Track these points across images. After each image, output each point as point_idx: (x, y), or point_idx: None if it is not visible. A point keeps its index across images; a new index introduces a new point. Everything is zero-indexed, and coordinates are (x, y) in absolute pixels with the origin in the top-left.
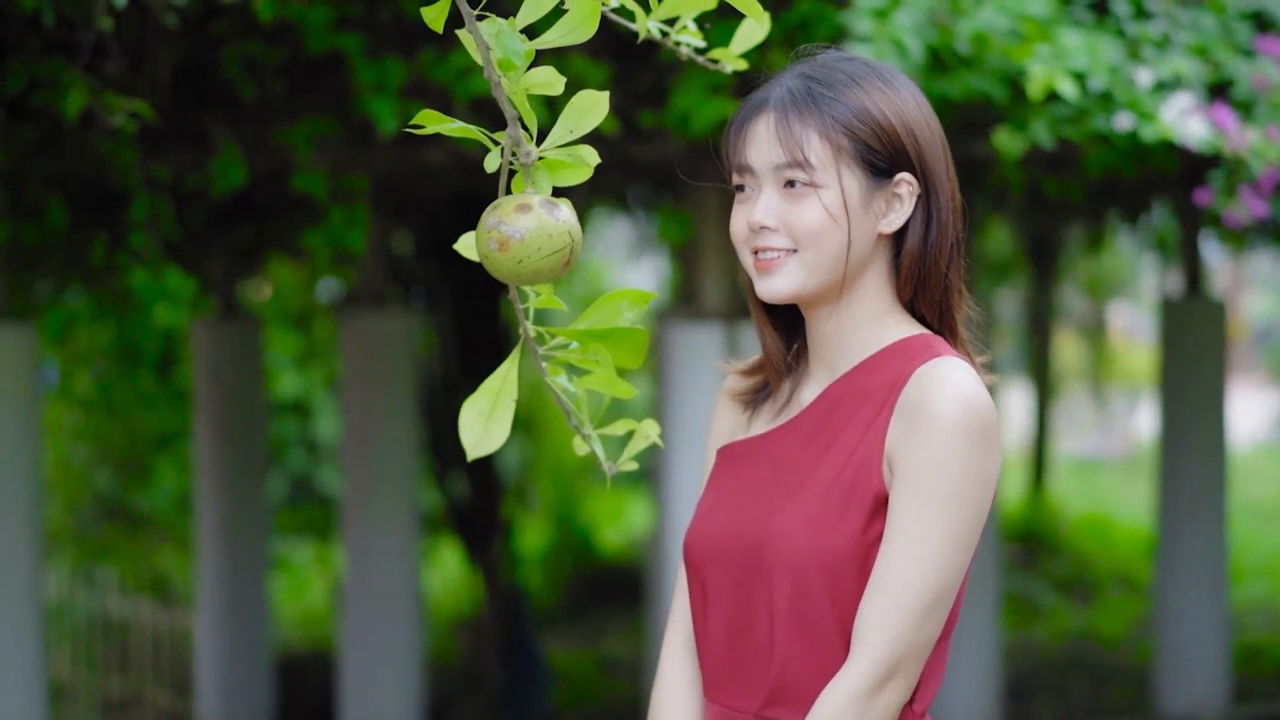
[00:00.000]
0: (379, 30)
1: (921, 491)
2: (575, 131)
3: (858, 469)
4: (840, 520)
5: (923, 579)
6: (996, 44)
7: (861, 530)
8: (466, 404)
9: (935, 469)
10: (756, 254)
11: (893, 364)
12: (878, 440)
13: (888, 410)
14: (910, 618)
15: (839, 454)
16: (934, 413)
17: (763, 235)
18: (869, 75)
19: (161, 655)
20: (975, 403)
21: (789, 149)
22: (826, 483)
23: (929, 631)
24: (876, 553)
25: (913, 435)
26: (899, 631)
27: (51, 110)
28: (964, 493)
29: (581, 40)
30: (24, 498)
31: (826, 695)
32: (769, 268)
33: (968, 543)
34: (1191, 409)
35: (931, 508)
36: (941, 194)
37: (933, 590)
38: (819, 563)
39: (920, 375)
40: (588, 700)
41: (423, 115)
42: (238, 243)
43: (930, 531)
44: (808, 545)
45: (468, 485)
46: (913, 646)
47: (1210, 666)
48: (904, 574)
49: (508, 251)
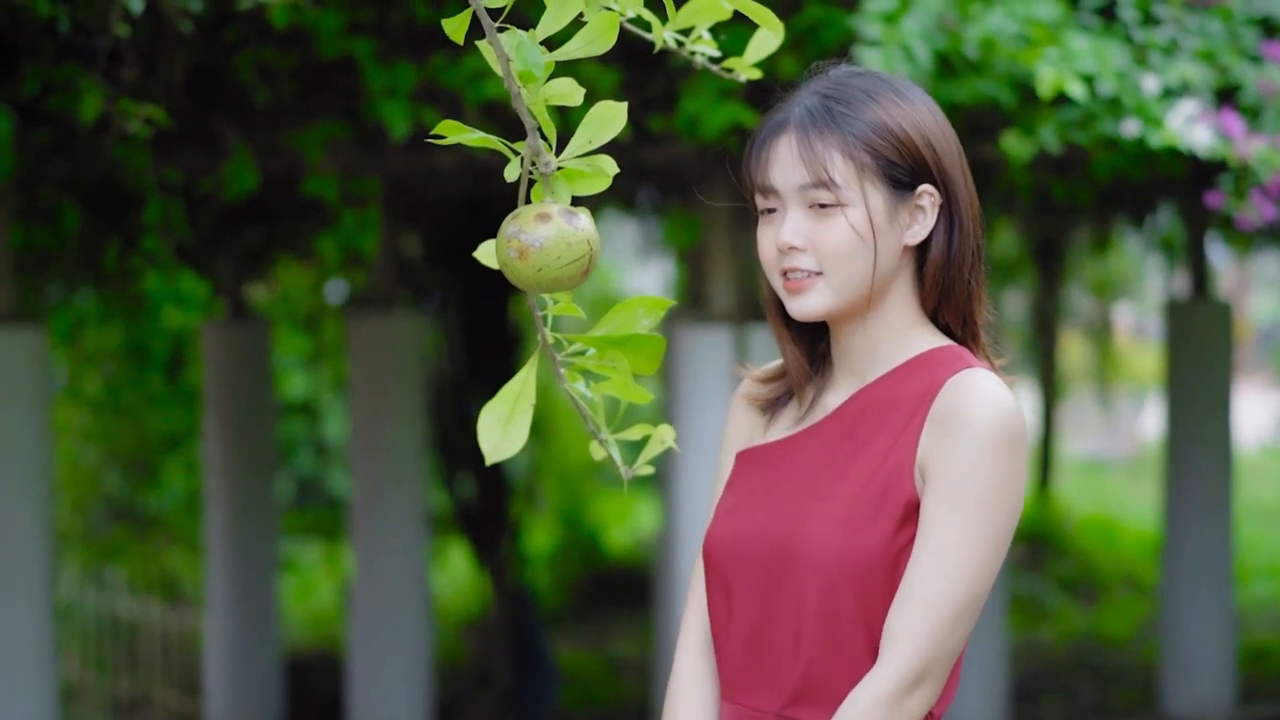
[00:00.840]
0: (390, 35)
1: (954, 499)
2: (594, 141)
3: (890, 475)
4: (872, 525)
5: (954, 586)
6: (1004, 48)
7: (892, 535)
8: (485, 409)
9: (969, 477)
10: (785, 275)
11: (923, 373)
12: (910, 447)
13: (920, 418)
14: (941, 624)
15: (870, 460)
16: (968, 422)
17: (791, 256)
18: (884, 90)
19: (171, 656)
20: (1008, 413)
21: (813, 170)
22: (858, 488)
23: (958, 637)
24: (906, 558)
25: (946, 444)
26: (929, 637)
27: (65, 114)
28: (996, 501)
29: (601, 52)
30: (36, 498)
31: (855, 697)
32: (799, 288)
33: (998, 550)
34: (1198, 410)
35: (964, 515)
36: (961, 202)
37: (963, 597)
38: (849, 566)
39: (953, 385)
40: (596, 701)
41: (443, 125)
42: (247, 245)
43: (963, 539)
44: (839, 548)
45: (476, 486)
46: (942, 652)
47: (1216, 667)
48: (936, 581)
49: (527, 260)
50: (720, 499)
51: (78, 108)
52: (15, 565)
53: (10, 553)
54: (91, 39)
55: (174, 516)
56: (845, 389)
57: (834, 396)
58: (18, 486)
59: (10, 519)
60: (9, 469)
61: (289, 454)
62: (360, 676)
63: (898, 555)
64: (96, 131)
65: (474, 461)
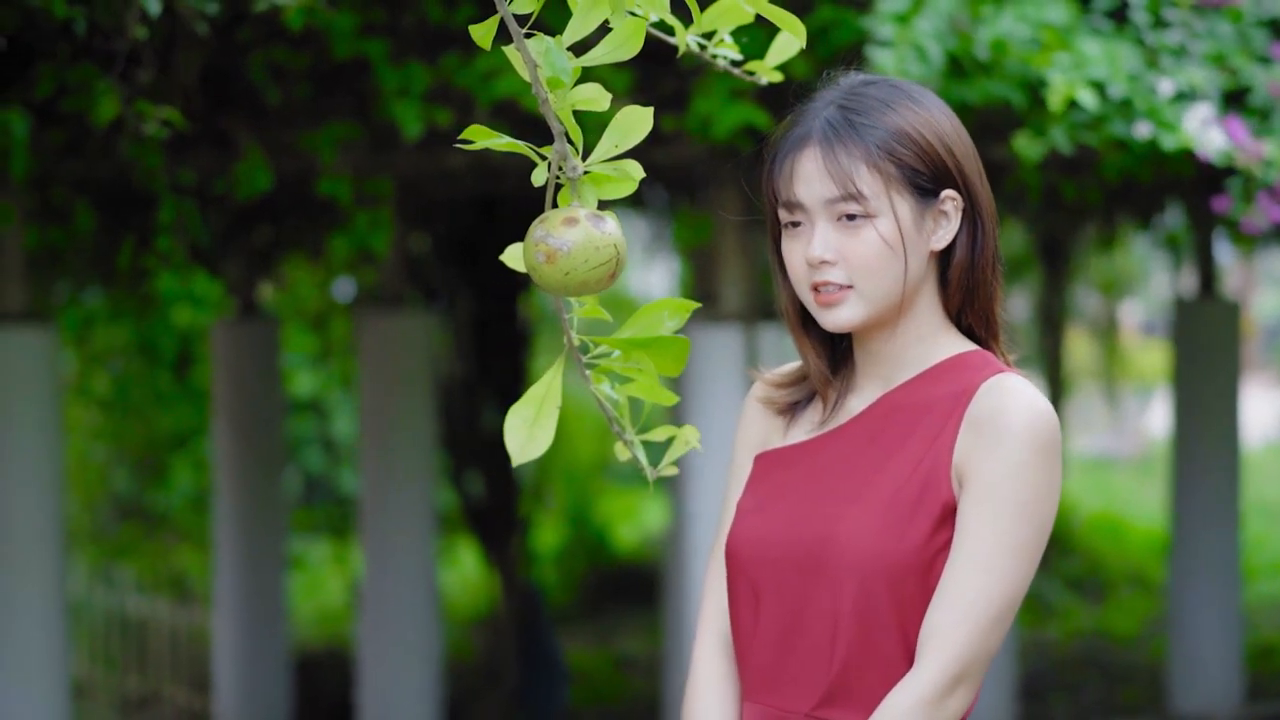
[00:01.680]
0: (402, 35)
1: (994, 503)
2: (620, 146)
3: (925, 478)
4: (908, 528)
5: (993, 589)
6: (1015, 51)
7: (928, 538)
8: (511, 410)
9: (1007, 482)
10: (816, 289)
11: (954, 377)
12: (945, 451)
13: (955, 422)
14: (980, 627)
15: (904, 463)
16: (1005, 426)
17: (822, 270)
18: (900, 97)
19: (179, 653)
20: (1045, 417)
21: (840, 183)
22: (892, 491)
23: (996, 640)
24: (942, 561)
25: (984, 448)
26: (969, 639)
27: (79, 115)
28: (1033, 505)
29: (627, 57)
30: (47, 496)
31: (895, 699)
32: (831, 302)
33: (1035, 553)
34: (1205, 409)
35: (1003, 519)
36: (982, 203)
37: (1002, 600)
38: (885, 568)
39: (989, 389)
40: (605, 699)
41: (471, 130)
42: (256, 244)
43: (1001, 543)
44: (875, 550)
45: (485, 485)
46: (981, 654)
47: (1223, 665)
48: (975, 583)
49: (555, 264)
50: (740, 500)
51: (92, 109)
52: (27, 563)
53: (22, 550)
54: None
55: (182, 514)
56: (870, 393)
57: (858, 400)
58: (30, 484)
59: (22, 516)
60: (21, 467)
61: (297, 452)
62: (369, 674)
63: (934, 557)
64: (110, 133)
65: (483, 459)
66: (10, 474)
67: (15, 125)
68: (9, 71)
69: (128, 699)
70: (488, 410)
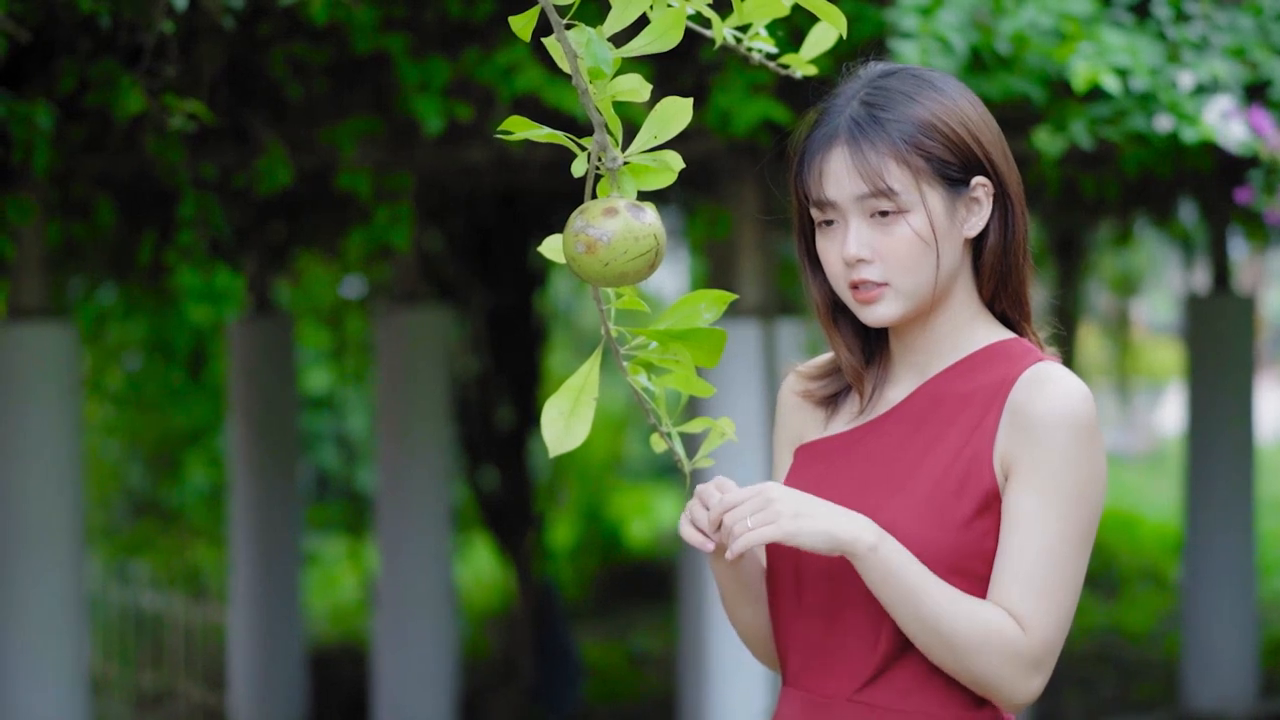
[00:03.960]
0: (423, 30)
1: (1050, 494)
2: (659, 137)
3: (967, 465)
4: (950, 515)
5: (1066, 579)
6: (1036, 44)
7: (970, 524)
8: (549, 403)
9: (1062, 471)
10: (855, 287)
11: (993, 366)
12: (987, 440)
13: (996, 410)
14: (1064, 613)
15: (945, 452)
16: (1047, 416)
17: (858, 268)
18: (922, 87)
19: (194, 649)
20: (1085, 402)
21: (870, 180)
22: (935, 479)
23: (1067, 624)
24: (982, 548)
25: (1027, 439)
26: (1053, 622)
27: (99, 110)
28: (1086, 490)
29: (667, 48)
30: (67, 493)
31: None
32: (869, 299)
33: (1091, 537)
34: (1219, 405)
35: (1060, 508)
36: (1011, 187)
37: (1075, 584)
38: (928, 555)
39: (1028, 380)
40: (619, 695)
41: (511, 121)
42: (271, 240)
43: (1065, 531)
44: (917, 539)
45: (500, 480)
46: (1059, 640)
47: (1238, 661)
48: (1050, 574)
49: (595, 254)
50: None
51: (114, 103)
52: (48, 559)
53: (42, 546)
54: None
55: (195, 511)
56: (908, 383)
57: (896, 390)
58: (50, 480)
59: (43, 512)
60: (41, 463)
61: (310, 448)
62: (384, 670)
63: (975, 545)
64: (131, 128)
65: (498, 455)
66: (31, 470)
67: (40, 118)
68: (30, 66)
69: (142, 695)
70: (503, 406)
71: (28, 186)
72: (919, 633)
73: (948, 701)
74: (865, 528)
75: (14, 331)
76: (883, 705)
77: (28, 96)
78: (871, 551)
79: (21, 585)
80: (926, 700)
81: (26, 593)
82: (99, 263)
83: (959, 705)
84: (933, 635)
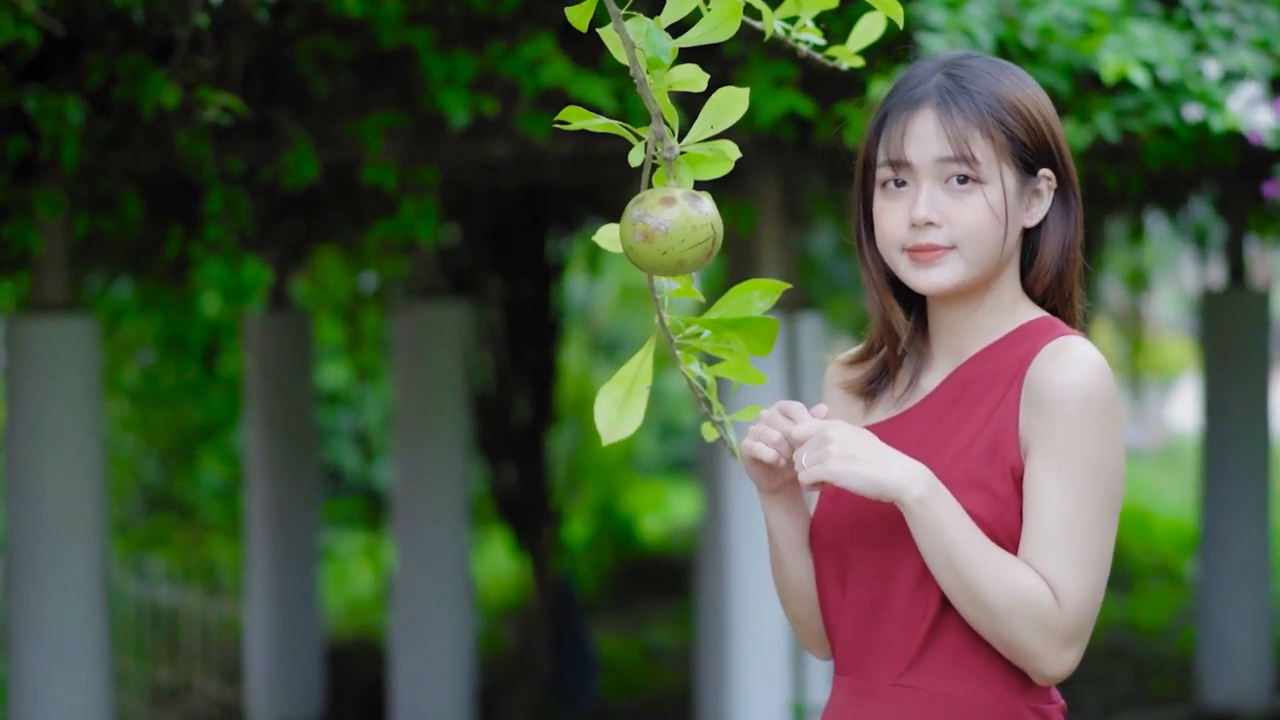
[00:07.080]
0: (447, 24)
1: (1065, 464)
2: (715, 127)
3: (992, 440)
4: (978, 490)
5: (1094, 548)
6: (1062, 37)
7: (998, 498)
8: (602, 391)
9: (1075, 441)
10: (917, 250)
11: (1020, 344)
12: (1010, 414)
13: (1016, 386)
14: (1094, 588)
15: (970, 430)
16: (1060, 388)
17: (926, 231)
18: (1005, 71)
19: (210, 644)
20: (1100, 373)
21: (956, 145)
22: (963, 456)
23: (1099, 599)
24: (1009, 521)
25: (1043, 413)
26: (1088, 595)
27: (127, 104)
28: (1106, 464)
29: (724, 38)
30: (89, 488)
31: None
32: (930, 260)
33: (1116, 509)
34: (1234, 401)
35: (1076, 478)
36: (1074, 185)
37: (1104, 555)
38: None
39: (1048, 354)
40: (636, 690)
41: (568, 111)
42: (289, 235)
43: (1085, 502)
44: None
45: (517, 475)
46: (1092, 613)
47: (1253, 657)
48: (1076, 546)
49: (653, 243)
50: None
51: (143, 98)
52: (71, 554)
53: (63, 542)
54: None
55: (211, 506)
56: (943, 368)
57: (931, 377)
58: (74, 476)
59: (65, 506)
60: (62, 458)
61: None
62: (401, 665)
63: (1009, 521)
64: (158, 122)
65: (515, 450)
66: (54, 464)
67: (70, 112)
68: (57, 60)
69: (159, 690)
70: (519, 401)
71: (54, 181)
72: (956, 592)
73: (993, 684)
74: (917, 479)
75: (37, 325)
76: (927, 689)
77: (56, 91)
78: (918, 503)
79: (44, 579)
80: (969, 684)
81: (48, 586)
82: (118, 258)
83: (1004, 688)
84: (968, 595)
